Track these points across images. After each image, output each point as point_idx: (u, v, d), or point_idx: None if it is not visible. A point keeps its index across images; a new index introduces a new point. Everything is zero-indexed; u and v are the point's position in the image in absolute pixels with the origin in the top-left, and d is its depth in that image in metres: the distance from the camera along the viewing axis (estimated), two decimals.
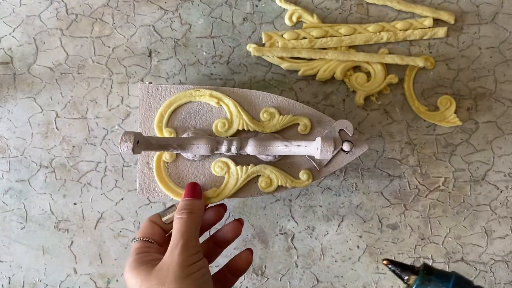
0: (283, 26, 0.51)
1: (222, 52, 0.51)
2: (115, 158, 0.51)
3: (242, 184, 0.44)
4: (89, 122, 0.51)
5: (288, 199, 0.51)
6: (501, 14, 0.51)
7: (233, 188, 0.43)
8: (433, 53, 0.51)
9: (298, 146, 0.41)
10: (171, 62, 0.51)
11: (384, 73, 0.50)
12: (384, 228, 0.51)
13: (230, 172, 0.44)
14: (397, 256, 0.52)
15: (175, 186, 0.44)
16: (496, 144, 0.51)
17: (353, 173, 0.51)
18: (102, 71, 0.51)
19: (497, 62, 0.51)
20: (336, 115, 0.51)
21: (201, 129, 0.45)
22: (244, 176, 0.43)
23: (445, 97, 0.50)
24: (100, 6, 0.51)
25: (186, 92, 0.45)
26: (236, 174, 0.43)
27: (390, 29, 0.50)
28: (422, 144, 0.51)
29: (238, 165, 0.44)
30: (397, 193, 0.51)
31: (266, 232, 0.52)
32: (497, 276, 0.52)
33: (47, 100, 0.51)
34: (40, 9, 0.51)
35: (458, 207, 0.51)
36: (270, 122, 0.45)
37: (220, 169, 0.44)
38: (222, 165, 0.44)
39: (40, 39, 0.51)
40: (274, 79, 0.51)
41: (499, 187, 0.51)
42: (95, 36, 0.51)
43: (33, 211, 0.51)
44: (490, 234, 0.51)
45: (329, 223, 0.51)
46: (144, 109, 0.45)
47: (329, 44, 0.50)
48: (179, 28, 0.51)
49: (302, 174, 0.45)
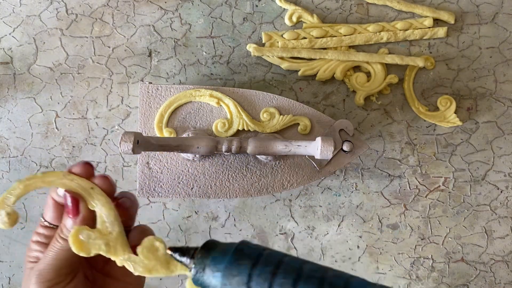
0: (283, 26, 0.51)
1: (222, 52, 0.51)
2: (115, 158, 0.51)
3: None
4: (89, 122, 0.51)
5: (288, 199, 0.51)
6: (501, 14, 0.51)
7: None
8: (433, 53, 0.51)
9: (298, 146, 0.41)
10: (171, 62, 0.51)
11: (384, 73, 0.50)
12: (384, 228, 0.51)
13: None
14: (397, 256, 0.51)
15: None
16: (496, 144, 0.51)
17: (353, 173, 0.51)
18: (102, 71, 0.51)
19: (497, 62, 0.51)
20: (336, 115, 0.51)
21: (201, 129, 0.45)
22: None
23: (445, 97, 0.50)
24: (100, 6, 0.51)
25: (186, 92, 0.45)
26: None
27: (390, 29, 0.50)
28: (422, 144, 0.51)
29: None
30: (397, 193, 0.51)
31: (266, 232, 0.51)
32: (497, 276, 0.52)
33: (47, 100, 0.51)
34: (40, 9, 0.51)
35: (458, 207, 0.51)
36: (270, 122, 0.45)
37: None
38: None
39: (40, 39, 0.51)
40: (274, 79, 0.51)
41: (499, 187, 0.51)
42: (95, 36, 0.51)
43: (33, 211, 0.51)
44: (490, 234, 0.51)
45: (329, 223, 0.51)
46: (144, 109, 0.45)
47: (329, 44, 0.50)
48: (179, 28, 0.51)
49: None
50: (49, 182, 0.31)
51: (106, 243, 0.30)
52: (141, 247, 0.30)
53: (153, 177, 0.44)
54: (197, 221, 0.51)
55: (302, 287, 0.23)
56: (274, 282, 0.23)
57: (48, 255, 0.31)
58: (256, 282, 0.24)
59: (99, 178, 0.32)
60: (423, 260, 0.51)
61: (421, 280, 0.52)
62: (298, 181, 0.46)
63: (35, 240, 0.33)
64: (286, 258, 0.25)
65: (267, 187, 0.46)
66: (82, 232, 0.30)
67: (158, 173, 0.45)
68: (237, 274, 0.24)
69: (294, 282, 0.23)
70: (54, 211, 0.33)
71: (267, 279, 0.24)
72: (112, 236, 0.30)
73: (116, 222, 0.31)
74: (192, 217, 0.51)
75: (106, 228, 0.31)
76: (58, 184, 0.31)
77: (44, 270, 0.30)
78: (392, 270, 0.52)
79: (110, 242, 0.30)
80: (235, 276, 0.24)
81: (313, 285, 0.23)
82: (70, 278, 0.31)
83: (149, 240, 0.30)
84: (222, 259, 0.26)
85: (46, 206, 0.33)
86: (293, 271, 0.24)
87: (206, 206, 0.51)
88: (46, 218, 0.33)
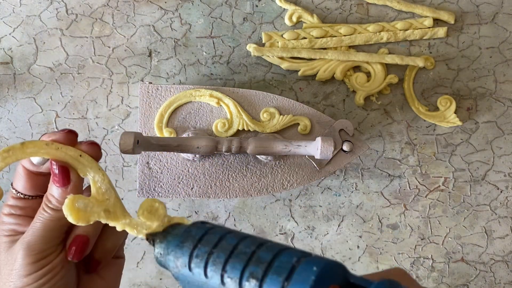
0: (283, 26, 0.51)
1: (222, 52, 0.51)
2: (115, 158, 0.51)
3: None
4: (89, 122, 0.51)
5: (288, 199, 0.51)
6: (501, 14, 0.51)
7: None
8: (433, 53, 0.51)
9: (298, 146, 0.41)
10: (171, 62, 0.51)
11: (384, 73, 0.50)
12: (384, 228, 0.51)
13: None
14: (397, 256, 0.51)
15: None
16: (496, 144, 0.51)
17: (353, 173, 0.51)
18: (102, 71, 0.51)
19: (497, 62, 0.51)
20: (336, 115, 0.51)
21: (201, 129, 0.45)
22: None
23: (445, 97, 0.50)
24: (100, 6, 0.51)
25: (186, 92, 0.45)
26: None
27: (390, 29, 0.50)
28: (422, 144, 0.51)
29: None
30: (397, 193, 0.51)
31: (266, 232, 0.52)
32: (497, 276, 0.52)
33: (47, 100, 0.51)
34: (40, 9, 0.51)
35: (458, 207, 0.51)
36: (270, 122, 0.45)
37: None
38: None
39: (40, 39, 0.51)
40: (274, 79, 0.51)
41: (499, 187, 0.51)
42: (95, 36, 0.51)
43: None
44: (490, 234, 0.51)
45: (329, 223, 0.51)
46: (144, 109, 0.45)
47: (329, 44, 0.50)
48: (179, 28, 0.51)
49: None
50: (31, 153, 0.29)
51: (105, 209, 0.29)
52: (141, 210, 0.29)
53: (153, 177, 0.44)
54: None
55: (231, 263, 0.23)
56: (208, 261, 0.24)
57: (36, 226, 0.30)
58: (194, 263, 0.24)
59: (87, 145, 0.31)
60: (423, 260, 0.52)
61: (421, 280, 0.52)
62: (298, 181, 0.46)
63: (8, 213, 0.31)
64: (228, 235, 0.25)
65: (267, 187, 0.46)
66: (78, 200, 0.28)
67: (158, 173, 0.45)
68: (181, 256, 0.25)
69: (226, 260, 0.23)
70: (28, 181, 0.31)
71: (204, 259, 0.24)
72: (110, 202, 0.29)
73: (111, 187, 0.30)
74: (192, 217, 0.51)
75: (103, 194, 0.30)
76: (42, 154, 0.29)
77: (33, 242, 0.29)
78: None
79: (109, 208, 0.29)
80: (179, 258, 0.25)
81: (241, 260, 0.23)
82: (60, 248, 0.31)
83: (147, 202, 0.29)
84: (173, 242, 0.26)
85: (17, 176, 0.31)
86: (228, 248, 0.24)
87: (206, 206, 0.51)
88: (18, 188, 0.31)
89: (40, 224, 0.30)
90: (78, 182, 0.30)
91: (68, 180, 0.30)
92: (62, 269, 0.30)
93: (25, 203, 0.32)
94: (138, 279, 0.52)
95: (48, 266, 0.30)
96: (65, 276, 0.31)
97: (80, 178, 0.30)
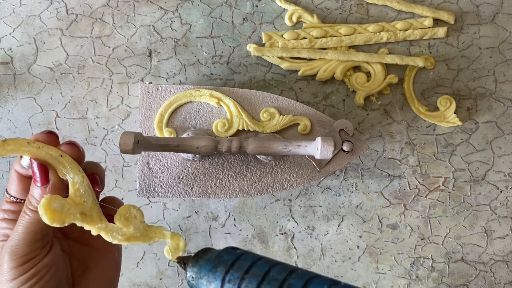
0: (283, 26, 0.51)
1: (222, 52, 0.51)
2: (115, 158, 0.51)
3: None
4: (89, 122, 0.51)
5: (288, 199, 0.51)
6: (501, 14, 0.51)
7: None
8: (433, 53, 0.51)
9: (298, 146, 0.41)
10: (171, 62, 0.51)
11: (384, 73, 0.50)
12: (384, 228, 0.51)
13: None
14: (397, 256, 0.51)
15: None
16: (496, 144, 0.51)
17: (353, 173, 0.51)
18: (102, 71, 0.51)
19: (497, 62, 0.51)
20: (336, 115, 0.51)
21: (201, 129, 0.45)
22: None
23: (445, 97, 0.50)
24: (100, 6, 0.51)
25: (186, 92, 0.45)
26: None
27: (390, 29, 0.50)
28: (422, 144, 0.51)
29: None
30: (397, 193, 0.51)
31: (266, 232, 0.52)
32: (497, 276, 0.52)
33: (47, 100, 0.51)
34: (40, 9, 0.51)
35: (458, 207, 0.51)
36: (270, 122, 0.45)
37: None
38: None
39: (40, 39, 0.51)
40: (274, 79, 0.51)
41: (499, 187, 0.51)
42: (95, 36, 0.51)
43: None
44: (490, 234, 0.51)
45: (329, 223, 0.51)
46: (144, 109, 0.45)
47: (329, 44, 0.50)
48: (179, 28, 0.51)
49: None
50: (11, 149, 0.28)
51: (81, 212, 0.29)
52: (118, 215, 0.29)
53: (153, 177, 0.44)
54: (197, 221, 0.51)
55: None
56: (241, 287, 0.25)
57: (18, 230, 0.29)
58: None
59: (67, 145, 0.30)
60: (423, 260, 0.52)
61: (421, 280, 0.52)
62: (298, 181, 0.46)
63: (1, 218, 0.31)
64: (259, 261, 0.26)
65: (267, 187, 0.46)
66: (55, 201, 0.28)
67: (158, 173, 0.45)
68: (214, 280, 0.26)
69: (257, 286, 0.24)
70: (19, 184, 0.31)
71: (236, 284, 0.25)
72: (87, 205, 0.29)
73: (89, 190, 0.30)
74: (192, 217, 0.51)
75: (80, 196, 0.29)
76: (23, 152, 0.29)
77: (16, 246, 0.29)
78: (392, 270, 0.52)
79: (85, 211, 0.29)
80: (212, 283, 0.26)
81: (273, 287, 0.24)
82: (46, 251, 0.30)
83: (125, 208, 0.29)
84: (205, 266, 0.27)
85: (10, 180, 0.31)
86: (260, 275, 0.25)
87: (206, 206, 0.51)
88: (11, 192, 0.31)
89: (21, 227, 0.29)
90: (58, 182, 0.30)
91: (47, 179, 0.29)
92: (48, 271, 0.30)
93: (18, 207, 0.31)
94: (138, 279, 0.52)
95: (33, 270, 0.29)
96: (53, 278, 0.30)
97: (60, 178, 0.30)
